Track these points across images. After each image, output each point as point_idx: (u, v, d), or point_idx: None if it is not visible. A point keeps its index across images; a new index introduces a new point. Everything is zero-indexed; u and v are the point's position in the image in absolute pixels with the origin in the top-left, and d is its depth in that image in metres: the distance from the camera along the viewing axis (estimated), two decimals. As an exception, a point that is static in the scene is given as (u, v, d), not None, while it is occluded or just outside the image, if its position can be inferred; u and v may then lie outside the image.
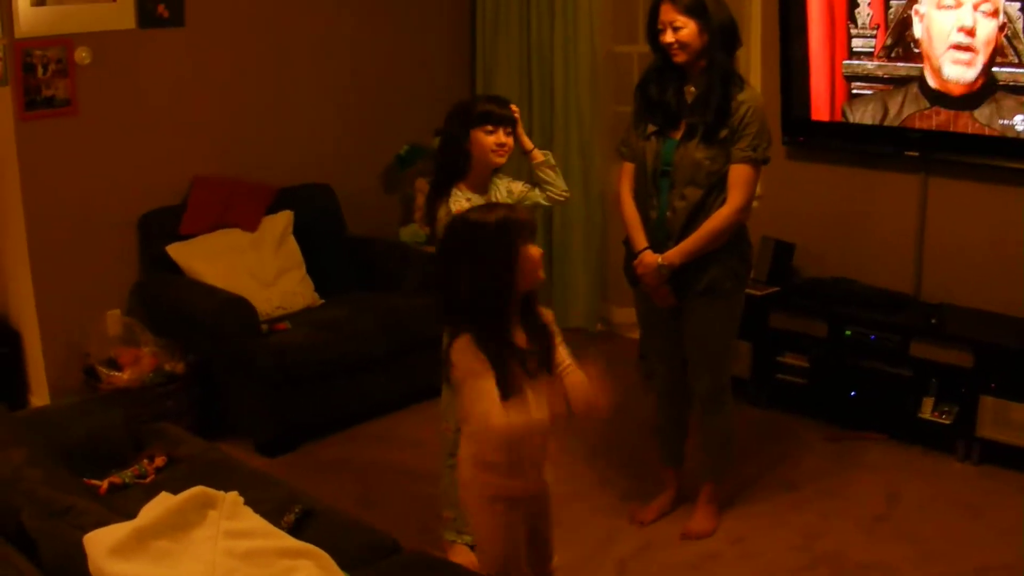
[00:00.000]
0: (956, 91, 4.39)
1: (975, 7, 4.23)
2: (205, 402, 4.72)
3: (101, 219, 4.88)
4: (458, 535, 3.76)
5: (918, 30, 4.43)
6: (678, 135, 3.60)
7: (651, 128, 3.65)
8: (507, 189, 3.62)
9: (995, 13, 4.18)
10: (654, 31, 3.57)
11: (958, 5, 4.28)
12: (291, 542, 2.25)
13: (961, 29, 4.29)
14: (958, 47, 4.32)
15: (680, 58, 3.51)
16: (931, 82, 4.46)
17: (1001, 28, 4.17)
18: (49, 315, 4.76)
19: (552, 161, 3.68)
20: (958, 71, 4.35)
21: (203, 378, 4.71)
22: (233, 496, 2.29)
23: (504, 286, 2.67)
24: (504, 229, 2.68)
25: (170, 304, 4.81)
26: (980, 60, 4.27)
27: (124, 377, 4.54)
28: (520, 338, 2.72)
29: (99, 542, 2.09)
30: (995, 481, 4.22)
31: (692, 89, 3.59)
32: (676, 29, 3.47)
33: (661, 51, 3.58)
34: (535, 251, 2.71)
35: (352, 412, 4.78)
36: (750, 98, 3.56)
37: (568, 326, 5.94)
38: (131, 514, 2.49)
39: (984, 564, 3.64)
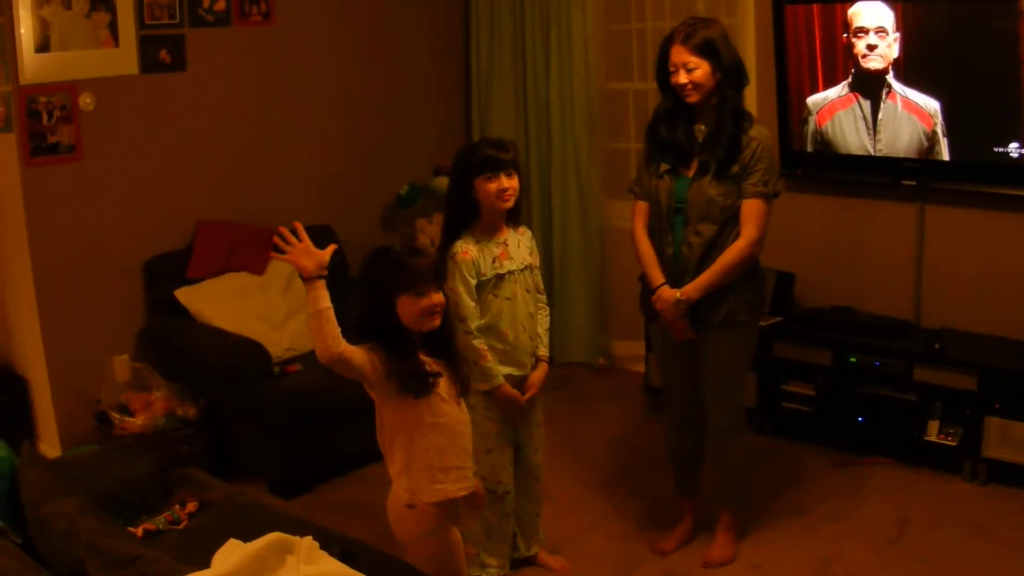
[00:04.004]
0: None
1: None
2: (217, 445, 4.72)
3: (107, 264, 4.90)
4: (482, 570, 3.79)
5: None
6: (690, 173, 3.67)
7: (664, 167, 3.72)
8: (529, 248, 3.68)
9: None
10: (664, 72, 3.64)
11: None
12: (368, 583, 2.29)
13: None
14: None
15: (693, 98, 3.59)
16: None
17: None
18: (57, 361, 4.77)
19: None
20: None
21: (215, 422, 4.72)
22: (309, 541, 2.32)
23: (387, 322, 2.87)
24: (383, 277, 2.89)
25: (181, 348, 4.82)
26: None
27: (137, 423, 4.54)
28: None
29: (181, 590, 2.12)
30: (1002, 500, 4.30)
31: (702, 127, 3.67)
32: (690, 70, 3.54)
33: (671, 92, 3.66)
34: (424, 302, 2.86)
35: (366, 453, 4.76)
36: (759, 134, 3.63)
37: (569, 361, 6.01)
38: (179, 560, 2.53)
39: (1000, 583, 3.72)
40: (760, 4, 5.08)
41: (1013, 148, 4.38)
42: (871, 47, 4.64)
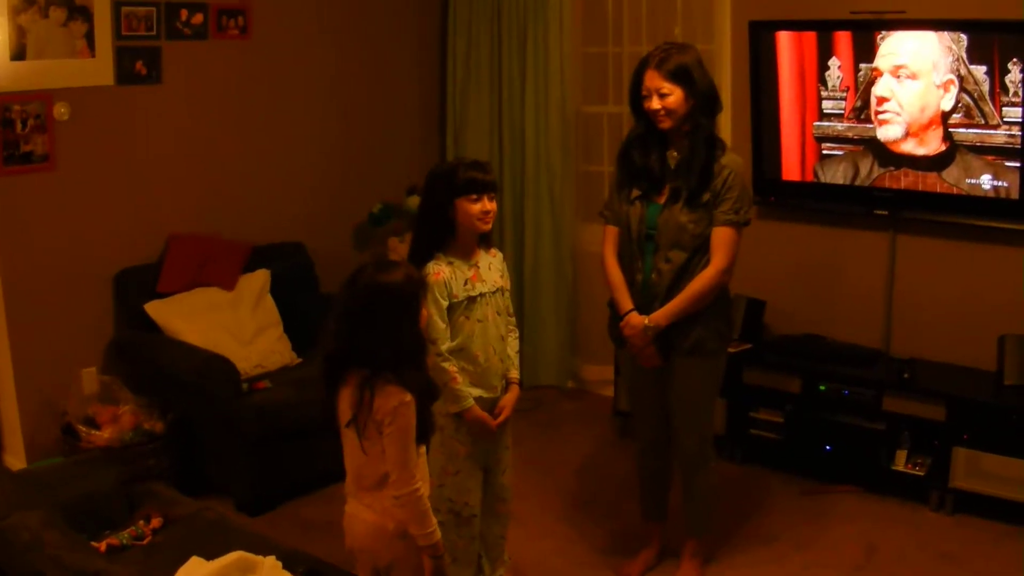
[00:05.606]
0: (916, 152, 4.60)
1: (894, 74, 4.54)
2: (184, 461, 4.68)
3: (77, 276, 4.86)
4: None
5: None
6: (662, 199, 3.67)
7: (635, 193, 3.72)
8: (500, 270, 3.65)
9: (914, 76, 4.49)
10: (637, 97, 3.65)
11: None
12: (330, 605, 2.27)
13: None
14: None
15: (666, 124, 3.59)
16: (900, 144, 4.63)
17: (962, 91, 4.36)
18: (25, 372, 4.72)
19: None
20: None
21: (183, 437, 4.68)
22: (272, 560, 2.31)
23: (419, 339, 2.84)
24: (413, 287, 2.85)
25: (150, 362, 4.79)
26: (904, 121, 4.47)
27: (104, 436, 4.49)
28: None
29: (140, 608, 2.10)
30: (970, 530, 4.32)
31: (674, 154, 3.67)
32: (663, 96, 3.55)
33: (644, 117, 3.66)
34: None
35: (333, 471, 4.73)
36: (731, 162, 3.64)
37: (539, 384, 6.00)
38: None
39: (967, 614, 3.73)
40: (737, 30, 5.11)
41: (985, 180, 4.42)
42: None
